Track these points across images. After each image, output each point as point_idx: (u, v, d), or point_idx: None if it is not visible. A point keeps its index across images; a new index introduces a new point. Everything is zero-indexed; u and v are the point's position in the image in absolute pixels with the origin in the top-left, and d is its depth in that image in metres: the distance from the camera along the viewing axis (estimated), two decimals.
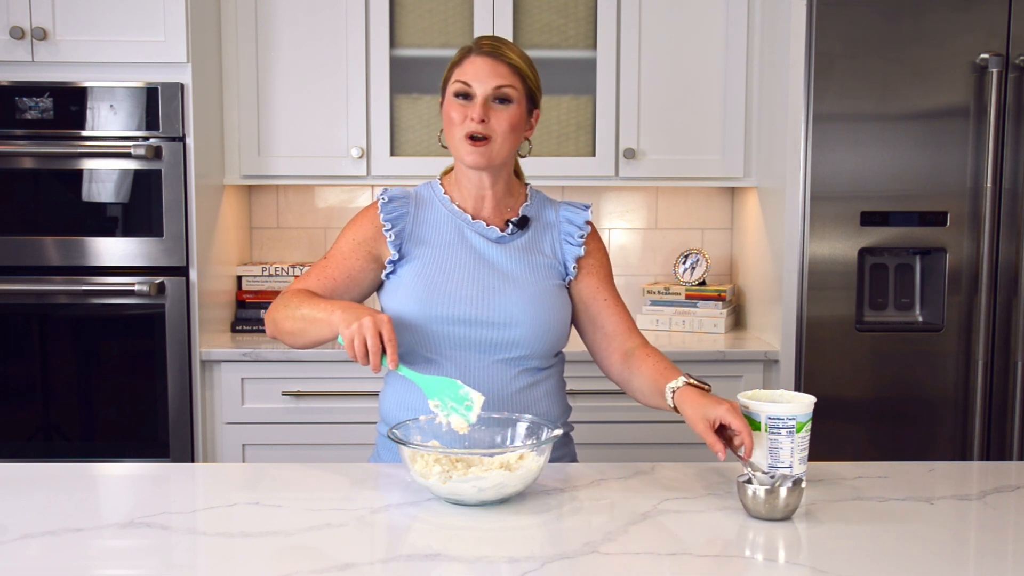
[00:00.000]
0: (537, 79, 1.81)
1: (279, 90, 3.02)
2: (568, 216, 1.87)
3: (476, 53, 1.76)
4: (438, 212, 1.82)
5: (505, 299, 1.75)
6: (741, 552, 1.32)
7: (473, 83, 1.73)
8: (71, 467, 1.68)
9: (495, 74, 1.73)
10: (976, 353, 2.67)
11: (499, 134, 1.74)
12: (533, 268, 1.80)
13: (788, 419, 1.51)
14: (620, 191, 3.40)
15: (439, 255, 1.78)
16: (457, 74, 1.76)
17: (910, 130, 2.65)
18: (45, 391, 2.79)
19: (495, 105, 1.74)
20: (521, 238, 1.83)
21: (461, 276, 1.75)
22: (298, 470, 1.66)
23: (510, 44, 1.79)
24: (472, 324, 1.73)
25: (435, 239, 1.80)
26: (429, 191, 1.86)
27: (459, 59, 1.78)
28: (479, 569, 1.23)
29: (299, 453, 2.80)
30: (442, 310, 1.72)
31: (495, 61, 1.74)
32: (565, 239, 1.85)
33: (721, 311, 3.13)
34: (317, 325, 1.64)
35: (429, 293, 1.73)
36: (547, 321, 1.77)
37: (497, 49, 1.76)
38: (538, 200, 1.89)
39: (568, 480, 1.60)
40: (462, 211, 1.82)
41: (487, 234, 1.81)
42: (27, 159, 2.73)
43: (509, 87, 1.74)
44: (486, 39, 1.79)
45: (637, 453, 2.79)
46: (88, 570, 1.25)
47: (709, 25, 3.04)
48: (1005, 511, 1.47)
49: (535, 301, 1.76)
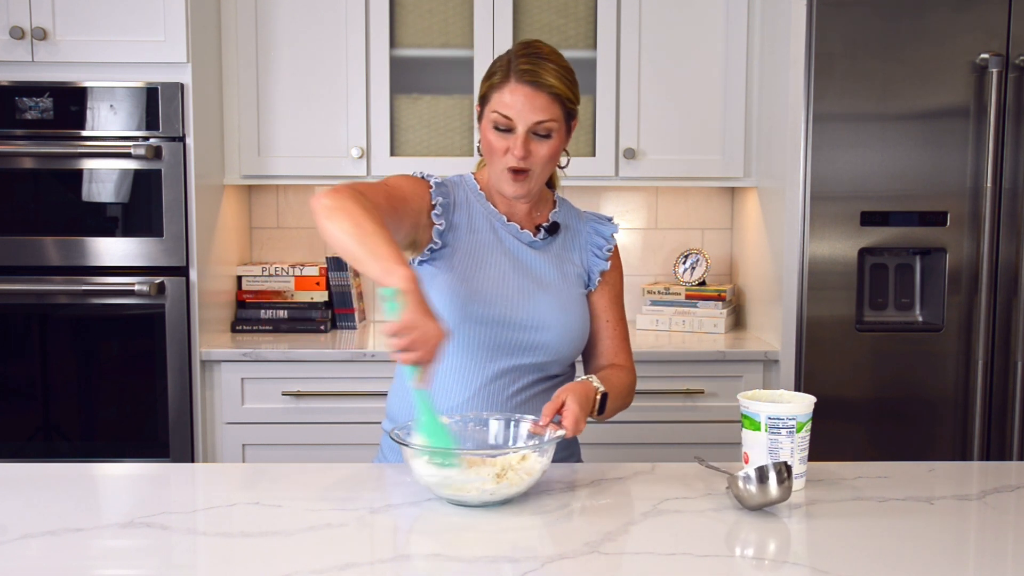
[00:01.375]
0: (576, 92, 1.75)
1: (279, 90, 3.02)
2: (596, 228, 1.90)
3: (516, 80, 1.69)
4: (475, 207, 1.82)
5: (538, 303, 1.76)
6: (741, 552, 1.32)
7: (514, 117, 1.69)
8: (71, 467, 1.68)
9: (535, 108, 1.69)
10: (976, 353, 2.67)
11: (539, 166, 1.73)
12: (564, 275, 1.82)
13: (788, 419, 1.51)
14: (620, 191, 3.40)
15: (477, 252, 1.77)
16: (496, 102, 1.71)
17: (910, 130, 2.65)
18: (45, 391, 2.79)
19: (535, 138, 1.71)
20: (552, 244, 1.84)
21: (497, 276, 1.75)
22: (298, 470, 1.66)
23: (548, 60, 1.72)
24: (503, 325, 1.73)
25: (474, 235, 1.78)
26: (464, 185, 1.84)
27: (499, 82, 1.71)
28: (479, 569, 1.23)
29: (299, 453, 2.80)
30: (476, 309, 1.72)
31: (535, 91, 1.68)
32: (592, 251, 1.88)
33: (721, 311, 3.13)
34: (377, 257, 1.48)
35: (465, 290, 1.72)
36: (574, 328, 1.79)
37: (537, 76, 1.69)
38: (566, 208, 1.91)
39: (568, 480, 1.60)
40: (497, 211, 1.82)
41: (521, 237, 1.81)
42: (27, 159, 2.73)
43: (550, 121, 1.70)
44: (524, 58, 1.71)
45: (637, 453, 2.79)
46: (88, 570, 1.25)
47: (709, 25, 3.04)
48: (1005, 511, 1.47)
49: (566, 308, 1.78)
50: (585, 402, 1.63)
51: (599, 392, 1.68)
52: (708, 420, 2.84)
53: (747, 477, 1.43)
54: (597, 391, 1.68)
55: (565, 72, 1.73)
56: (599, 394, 1.68)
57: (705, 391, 2.83)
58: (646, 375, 2.78)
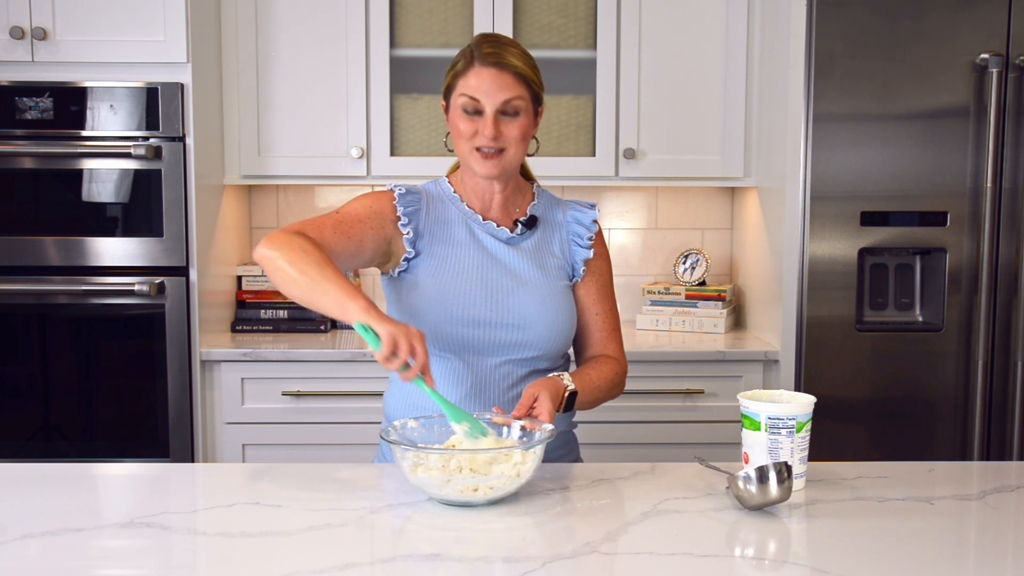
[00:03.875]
0: (540, 78, 1.79)
1: (279, 90, 3.02)
2: (576, 216, 1.88)
3: (480, 63, 1.72)
4: (449, 211, 1.82)
5: (517, 300, 1.76)
6: (741, 552, 1.32)
7: (481, 98, 1.71)
8: (71, 467, 1.68)
9: (502, 87, 1.71)
10: (976, 353, 2.67)
11: (511, 146, 1.74)
12: (544, 269, 1.81)
13: (788, 419, 1.51)
14: (620, 191, 3.40)
15: (453, 255, 1.78)
16: (462, 86, 1.73)
17: (910, 130, 2.65)
18: (45, 391, 2.79)
19: (504, 118, 1.73)
20: (531, 239, 1.83)
21: (474, 277, 1.76)
22: (298, 470, 1.66)
23: (510, 45, 1.76)
24: (485, 325, 1.73)
25: (448, 238, 1.79)
26: (438, 189, 1.86)
27: (463, 68, 1.74)
28: (479, 569, 1.23)
29: (299, 453, 2.80)
30: (456, 312, 1.72)
31: (500, 71, 1.71)
32: (574, 240, 1.86)
33: (721, 311, 3.13)
34: (330, 297, 1.54)
35: (444, 295, 1.73)
36: (558, 322, 1.78)
37: (500, 58, 1.72)
38: (545, 199, 1.89)
39: (568, 480, 1.60)
40: (472, 211, 1.82)
41: (498, 235, 1.81)
42: (27, 159, 2.73)
43: (517, 99, 1.72)
44: (487, 44, 1.75)
45: (637, 453, 2.79)
46: (88, 570, 1.25)
47: (709, 25, 3.04)
48: (1005, 511, 1.47)
49: (546, 303, 1.78)
50: (556, 397, 1.66)
51: (567, 390, 1.69)
52: (708, 420, 2.84)
53: (747, 477, 1.43)
54: (566, 389, 1.69)
55: (527, 57, 1.77)
56: (567, 392, 1.69)
57: (705, 391, 2.83)
58: (646, 375, 2.79)
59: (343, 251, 1.69)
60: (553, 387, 1.66)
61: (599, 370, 1.81)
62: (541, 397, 1.62)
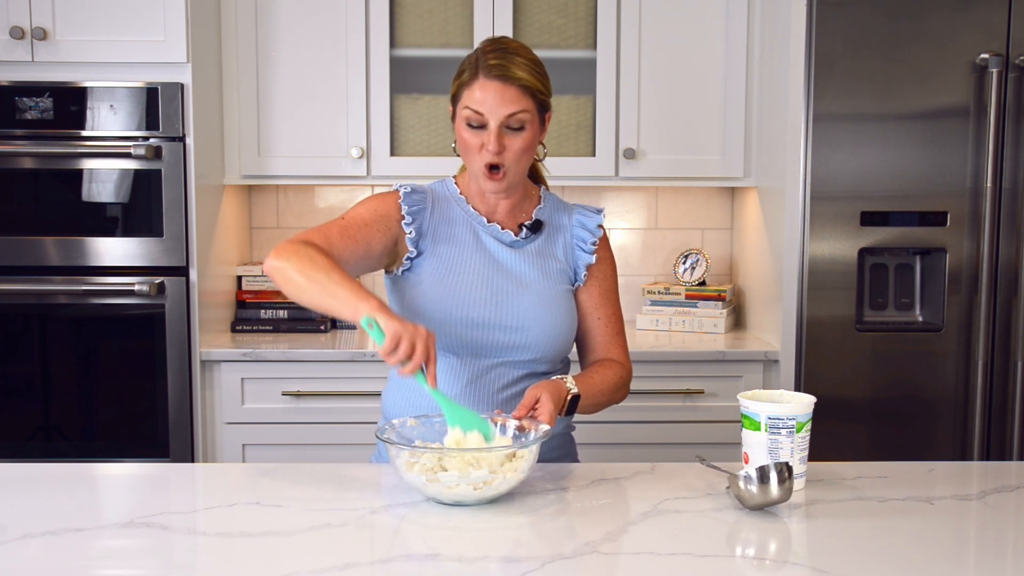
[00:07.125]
0: (547, 85, 1.76)
1: (279, 90, 3.02)
2: (581, 220, 1.87)
3: (485, 76, 1.70)
4: (454, 212, 1.82)
5: (518, 303, 1.75)
6: (741, 552, 1.32)
7: (485, 112, 1.69)
8: (71, 467, 1.68)
9: (506, 101, 1.69)
10: (976, 353, 2.67)
11: (515, 160, 1.73)
12: (546, 273, 1.81)
13: (788, 419, 1.51)
14: (620, 191, 3.40)
15: (456, 256, 1.77)
16: (466, 98, 1.71)
17: (910, 130, 2.65)
18: (45, 391, 2.79)
19: (509, 132, 1.71)
20: (535, 242, 1.83)
21: (476, 279, 1.76)
22: (298, 470, 1.66)
23: (516, 54, 1.73)
24: (485, 327, 1.73)
25: (452, 239, 1.79)
26: (444, 190, 1.85)
27: (468, 79, 1.72)
28: (479, 569, 1.23)
29: (299, 453, 2.80)
30: (457, 312, 1.73)
31: (505, 85, 1.69)
32: (577, 245, 1.86)
33: (721, 311, 3.13)
34: (341, 300, 1.56)
35: (445, 295, 1.73)
36: (558, 326, 1.78)
37: (506, 70, 1.69)
38: (551, 203, 1.89)
39: (568, 480, 1.60)
40: (477, 213, 1.82)
41: (501, 237, 1.81)
42: (27, 159, 2.73)
43: (522, 112, 1.70)
44: (492, 54, 1.72)
45: (637, 453, 2.79)
46: (88, 570, 1.25)
47: (709, 25, 3.04)
48: (1005, 511, 1.47)
49: (546, 306, 1.77)
50: (558, 400, 1.66)
51: (570, 394, 1.69)
52: (708, 420, 2.84)
53: (748, 477, 1.43)
54: (569, 392, 1.69)
55: (534, 65, 1.74)
56: (570, 395, 1.69)
57: (705, 391, 2.83)
58: (646, 375, 2.79)
59: (351, 256, 1.71)
60: (556, 390, 1.66)
61: (603, 374, 1.81)
62: (543, 399, 1.62)
